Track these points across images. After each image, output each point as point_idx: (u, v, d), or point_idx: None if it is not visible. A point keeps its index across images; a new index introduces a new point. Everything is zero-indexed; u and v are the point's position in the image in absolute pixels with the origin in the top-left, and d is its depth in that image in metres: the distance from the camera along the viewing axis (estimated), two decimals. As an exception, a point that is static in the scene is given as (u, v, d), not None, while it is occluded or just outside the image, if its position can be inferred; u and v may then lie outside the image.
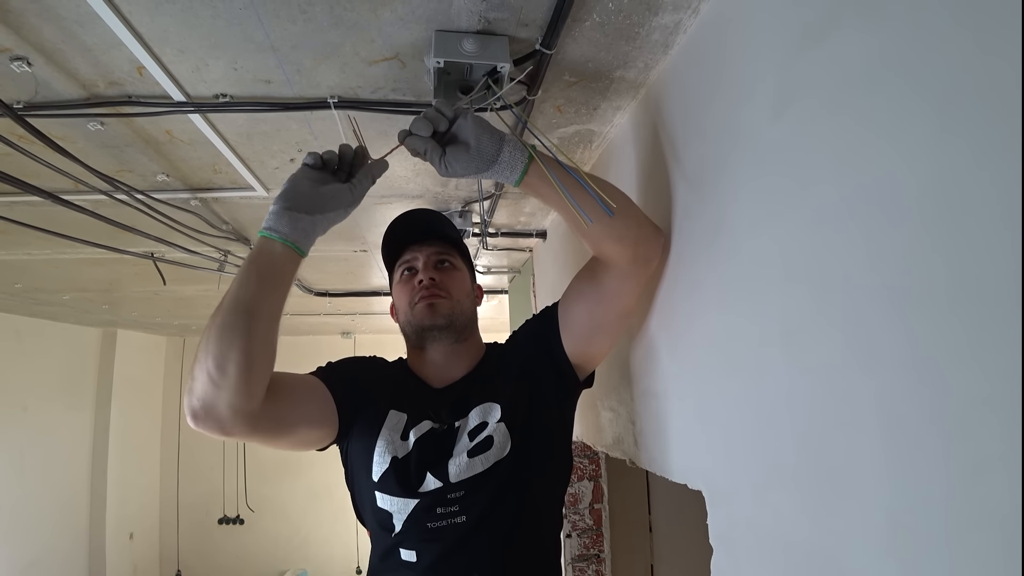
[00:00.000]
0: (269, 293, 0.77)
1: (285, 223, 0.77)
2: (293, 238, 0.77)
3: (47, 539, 3.99)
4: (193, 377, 0.75)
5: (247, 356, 0.73)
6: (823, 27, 0.56)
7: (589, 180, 0.83)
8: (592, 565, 1.98)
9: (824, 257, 0.57)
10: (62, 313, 3.72)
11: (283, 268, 0.78)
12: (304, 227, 0.77)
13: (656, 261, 0.94)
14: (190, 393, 0.75)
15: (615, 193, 0.87)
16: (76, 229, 1.58)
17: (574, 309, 0.98)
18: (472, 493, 0.87)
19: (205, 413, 0.74)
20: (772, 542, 0.67)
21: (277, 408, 0.82)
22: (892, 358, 0.48)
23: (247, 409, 0.75)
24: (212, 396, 0.73)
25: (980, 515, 0.41)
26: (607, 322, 0.96)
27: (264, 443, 0.84)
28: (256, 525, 5.49)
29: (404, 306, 1.00)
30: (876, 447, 0.50)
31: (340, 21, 0.81)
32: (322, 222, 0.79)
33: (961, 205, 0.42)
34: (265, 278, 0.77)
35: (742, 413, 0.73)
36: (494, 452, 0.89)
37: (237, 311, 0.74)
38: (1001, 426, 0.39)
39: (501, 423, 0.91)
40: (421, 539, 0.87)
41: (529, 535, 0.91)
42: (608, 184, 0.88)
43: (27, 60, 0.87)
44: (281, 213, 0.77)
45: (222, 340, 0.73)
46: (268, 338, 0.77)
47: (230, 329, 0.73)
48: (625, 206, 0.88)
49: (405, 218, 1.02)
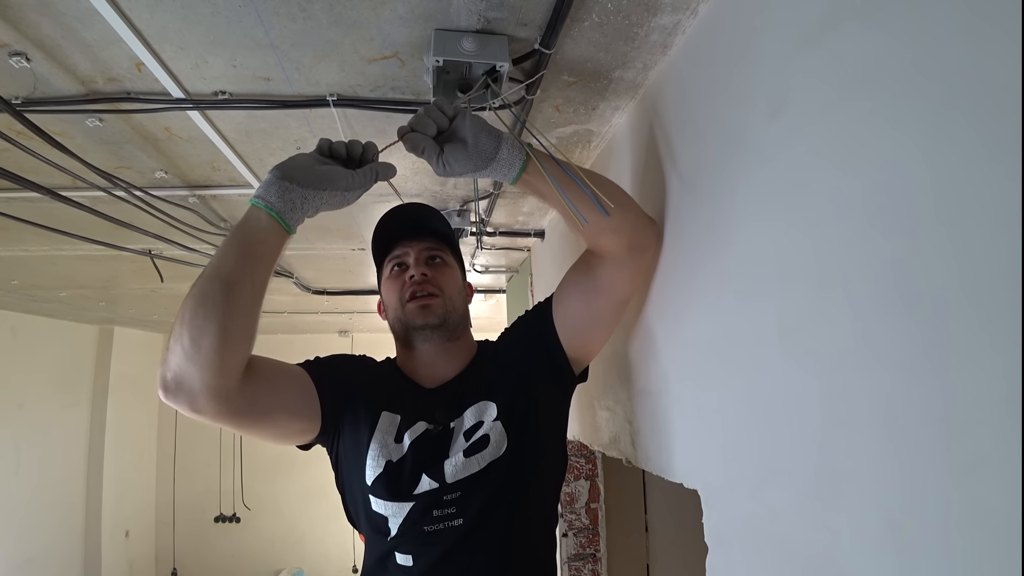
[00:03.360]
0: (251, 265, 0.74)
1: (274, 192, 0.74)
2: (279, 208, 0.74)
3: (43, 537, 3.98)
4: (168, 348, 0.72)
5: (223, 330, 0.71)
6: (821, 28, 0.56)
7: (585, 178, 0.83)
8: (588, 564, 1.99)
9: (821, 256, 0.57)
10: (59, 310, 3.71)
11: (267, 240, 0.75)
12: (293, 199, 0.74)
13: (652, 250, 0.94)
14: (164, 364, 0.72)
15: (610, 188, 0.87)
16: (74, 225, 1.58)
17: (570, 301, 0.97)
18: (468, 494, 0.86)
19: (176, 386, 0.72)
20: (768, 541, 0.67)
21: (254, 391, 0.79)
22: (889, 357, 0.49)
23: (220, 387, 0.73)
24: (184, 369, 0.71)
25: (976, 514, 0.41)
26: (603, 312, 0.96)
27: (238, 428, 0.81)
28: (252, 523, 5.48)
29: (395, 303, 0.97)
30: (873, 446, 0.51)
31: (340, 19, 0.81)
32: (313, 198, 0.75)
33: (958, 205, 0.42)
34: (247, 248, 0.74)
35: (739, 412, 0.74)
36: (490, 451, 0.88)
37: (215, 281, 0.72)
38: (998, 425, 0.39)
39: (497, 421, 0.90)
40: (417, 543, 0.85)
41: (526, 536, 0.91)
42: (603, 179, 0.88)
43: (26, 56, 0.87)
44: (272, 182, 0.74)
45: (197, 312, 0.71)
46: (248, 313, 0.74)
47: (207, 300, 0.71)
48: (620, 198, 0.87)
49: (396, 212, 0.99)
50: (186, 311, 0.71)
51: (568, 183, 0.84)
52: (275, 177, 0.75)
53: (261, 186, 0.75)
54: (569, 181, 0.84)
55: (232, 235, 0.75)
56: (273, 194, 0.74)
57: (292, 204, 0.74)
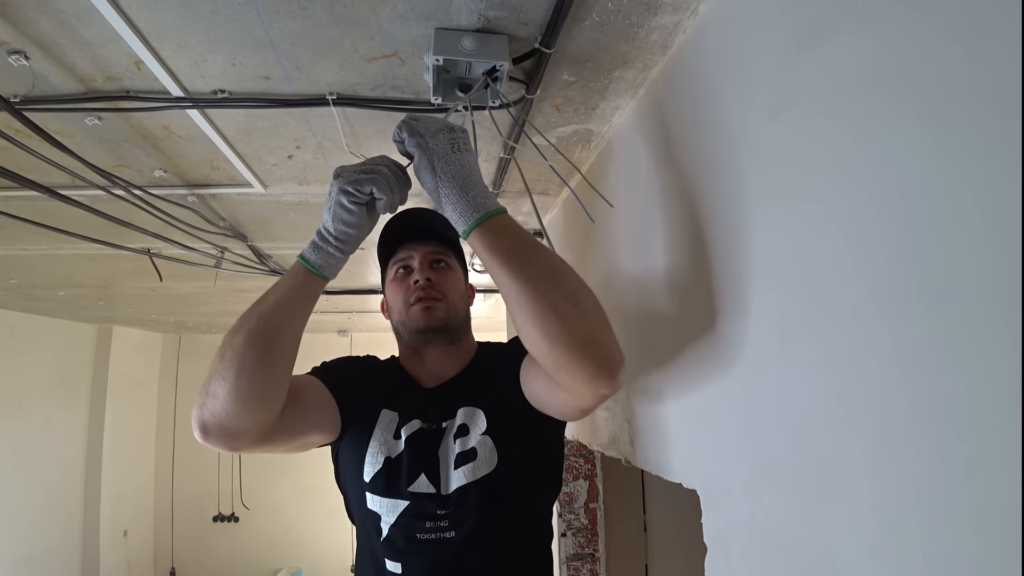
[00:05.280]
0: (304, 319, 0.78)
1: (320, 256, 0.76)
2: (332, 273, 0.78)
3: (41, 536, 3.97)
4: (209, 393, 0.71)
5: (277, 383, 0.74)
6: (821, 30, 0.56)
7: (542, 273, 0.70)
8: (587, 564, 1.99)
9: (820, 258, 0.57)
10: (57, 309, 3.71)
11: (317, 295, 0.79)
12: (341, 267, 0.78)
13: (602, 397, 0.72)
14: (202, 407, 0.72)
15: (573, 282, 0.72)
16: (72, 224, 1.57)
17: (534, 382, 0.86)
18: (460, 507, 0.86)
19: (218, 429, 0.72)
20: (766, 541, 0.67)
21: (287, 420, 0.81)
22: (886, 358, 0.49)
23: (262, 425, 0.75)
24: (226, 412, 0.71)
25: (972, 513, 0.41)
26: (566, 411, 0.85)
27: (267, 452, 0.83)
28: (251, 523, 5.47)
29: (399, 306, 0.99)
30: (870, 446, 0.51)
31: (340, 18, 0.81)
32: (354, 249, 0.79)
33: (955, 207, 0.42)
34: (305, 306, 0.77)
35: (738, 412, 0.74)
36: (481, 465, 0.87)
37: (277, 339, 0.74)
38: (995, 426, 0.39)
39: (487, 436, 0.89)
40: (408, 550, 0.85)
41: (519, 549, 0.90)
42: (568, 276, 0.71)
43: (25, 54, 0.87)
44: (329, 254, 0.76)
45: (245, 356, 0.71)
46: (292, 359, 0.77)
47: (262, 351, 0.72)
48: (586, 327, 0.68)
49: (402, 215, 1.01)
50: (229, 356, 0.72)
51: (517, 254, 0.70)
52: (326, 246, 0.76)
53: (311, 248, 0.77)
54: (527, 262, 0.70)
55: (286, 290, 0.76)
56: (320, 257, 0.77)
57: (338, 265, 0.78)
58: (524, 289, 0.68)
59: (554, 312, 0.67)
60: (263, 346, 0.72)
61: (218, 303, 3.61)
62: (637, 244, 1.07)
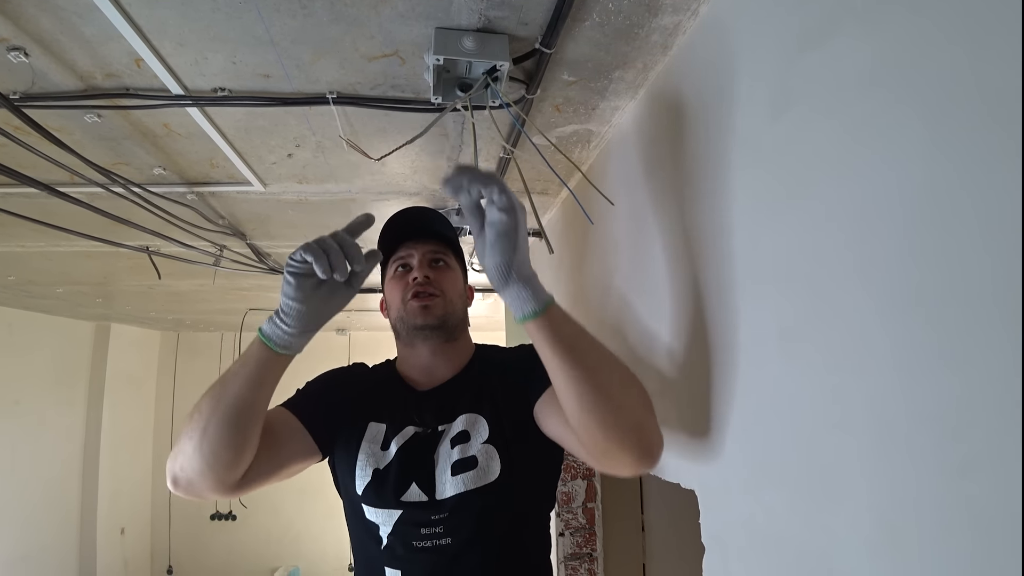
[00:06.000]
0: (265, 390, 0.78)
1: (281, 336, 0.76)
2: (290, 350, 0.78)
3: (38, 534, 3.97)
4: (181, 450, 0.76)
5: (238, 449, 0.76)
6: (821, 31, 0.57)
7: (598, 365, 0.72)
8: (584, 564, 1.99)
9: (818, 259, 0.57)
10: (55, 306, 3.70)
11: (278, 369, 0.79)
12: (303, 342, 0.79)
13: (638, 473, 0.76)
14: (175, 460, 0.77)
15: (621, 372, 0.75)
16: (71, 222, 1.57)
17: (555, 428, 0.86)
18: (456, 515, 0.85)
19: (188, 485, 0.77)
20: (764, 541, 0.67)
21: (263, 466, 0.83)
22: (884, 359, 0.49)
23: (227, 484, 0.78)
24: (198, 476, 0.76)
25: (968, 514, 0.41)
26: (579, 457, 0.84)
27: (249, 493, 0.86)
28: (248, 521, 5.47)
29: (397, 302, 0.99)
30: (867, 447, 0.51)
31: (340, 16, 0.81)
32: (320, 327, 0.80)
33: (953, 208, 0.43)
34: (263, 379, 0.77)
35: (735, 413, 0.74)
36: (481, 475, 0.87)
37: (236, 409, 0.75)
38: (989, 426, 0.40)
39: (488, 444, 0.89)
40: (406, 559, 0.85)
41: (517, 557, 0.90)
42: (614, 360, 0.75)
43: (24, 50, 0.87)
44: (282, 331, 0.76)
45: (208, 431, 0.74)
46: (256, 427, 0.78)
47: (226, 424, 0.74)
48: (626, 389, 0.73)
49: (403, 214, 1.01)
50: (196, 419, 0.75)
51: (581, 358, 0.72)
52: (286, 328, 0.76)
53: (270, 325, 0.77)
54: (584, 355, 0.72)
55: (244, 367, 0.77)
56: (282, 338, 0.77)
57: (302, 344, 0.79)
58: (585, 377, 0.70)
59: (611, 401, 0.70)
60: (223, 415, 0.75)
61: (217, 301, 3.61)
62: (636, 244, 1.07)
